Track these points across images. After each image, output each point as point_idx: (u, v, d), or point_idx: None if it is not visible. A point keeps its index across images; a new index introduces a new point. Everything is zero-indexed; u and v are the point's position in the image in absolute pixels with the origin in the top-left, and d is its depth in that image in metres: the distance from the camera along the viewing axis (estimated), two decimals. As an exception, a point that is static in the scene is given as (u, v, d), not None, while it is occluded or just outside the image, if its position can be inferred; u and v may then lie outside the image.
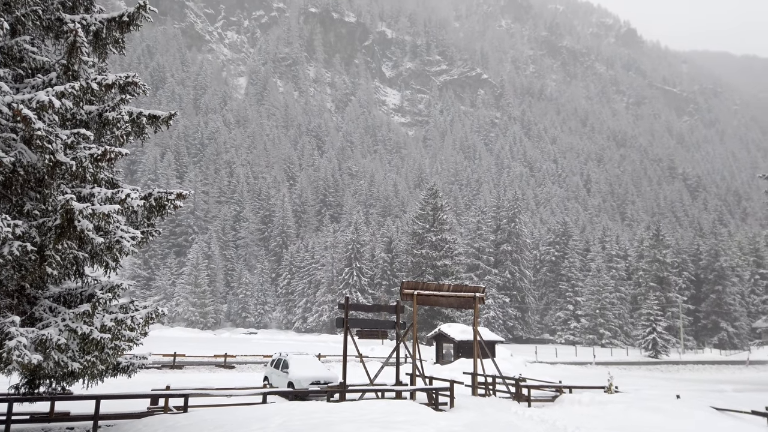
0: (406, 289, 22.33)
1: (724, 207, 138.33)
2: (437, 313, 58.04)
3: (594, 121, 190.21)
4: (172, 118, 12.27)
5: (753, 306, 79.71)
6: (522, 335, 77.02)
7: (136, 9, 11.42)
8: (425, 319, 57.63)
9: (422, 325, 56.47)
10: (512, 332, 75.55)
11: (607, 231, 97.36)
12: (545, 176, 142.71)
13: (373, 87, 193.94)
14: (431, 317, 57.92)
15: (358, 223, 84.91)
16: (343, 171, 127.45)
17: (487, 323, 70.30)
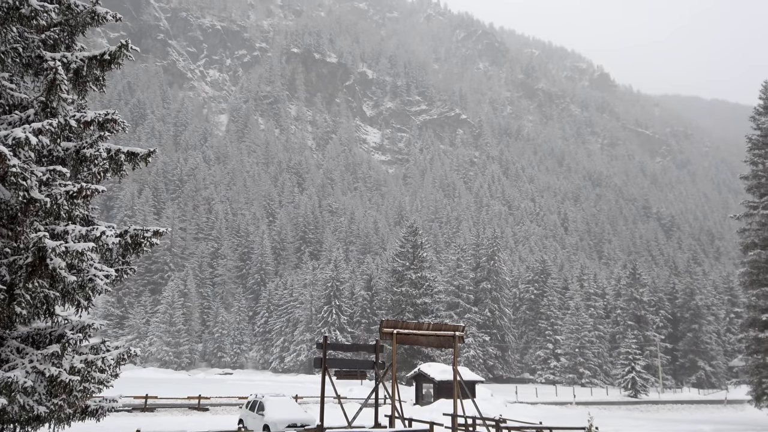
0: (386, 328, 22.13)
1: (698, 246, 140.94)
2: (417, 353, 57.42)
3: (570, 161, 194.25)
4: (151, 155, 12.25)
5: (729, 345, 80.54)
6: (502, 374, 76.40)
7: (118, 48, 11.51)
8: (405, 358, 56.93)
9: (402, 364, 55.74)
10: (492, 372, 74.92)
11: (585, 269, 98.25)
12: (523, 215, 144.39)
13: (354, 125, 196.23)
14: (411, 356, 57.25)
15: (338, 260, 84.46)
16: (323, 208, 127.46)
17: (468, 362, 69.68)
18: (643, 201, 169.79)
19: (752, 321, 31.63)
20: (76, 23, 11.90)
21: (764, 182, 32.36)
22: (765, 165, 32.15)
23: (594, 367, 74.86)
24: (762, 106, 33.79)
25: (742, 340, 33.13)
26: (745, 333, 32.38)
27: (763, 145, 32.94)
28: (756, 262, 31.76)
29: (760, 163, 32.57)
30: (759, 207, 31.95)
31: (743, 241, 33.45)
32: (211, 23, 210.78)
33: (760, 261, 31.44)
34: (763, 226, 32.02)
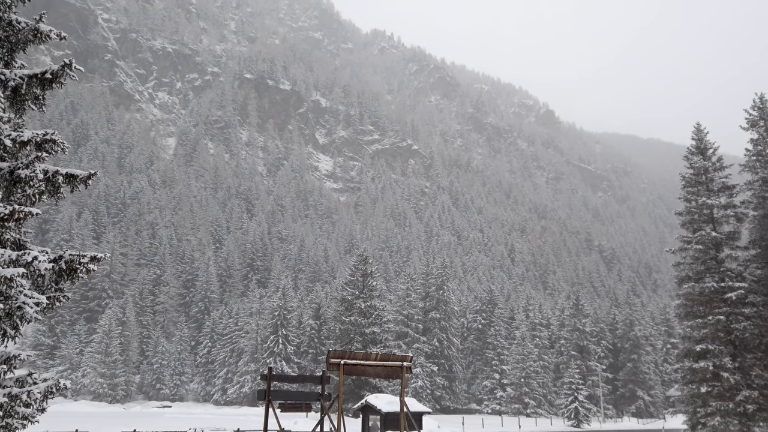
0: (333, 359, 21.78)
1: (636, 278, 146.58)
2: (365, 383, 56.65)
3: (517, 193, 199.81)
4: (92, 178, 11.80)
5: (666, 375, 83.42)
6: (450, 405, 76.24)
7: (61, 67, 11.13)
8: (352, 389, 56.03)
9: (349, 396, 54.81)
10: (440, 402, 74.67)
11: (531, 299, 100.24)
12: (472, 245, 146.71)
13: (306, 152, 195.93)
14: (358, 387, 56.41)
15: (286, 288, 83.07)
16: (272, 235, 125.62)
17: (415, 393, 69.26)
18: (586, 234, 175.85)
19: (687, 352, 32.85)
20: (17, 40, 11.46)
21: (697, 218, 34.08)
22: (698, 202, 33.89)
23: (539, 397, 75.81)
24: (694, 147, 35.82)
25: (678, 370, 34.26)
26: (680, 363, 33.51)
27: (695, 183, 34.80)
28: (690, 295, 33.17)
29: (693, 200, 34.32)
30: (692, 242, 33.55)
31: (678, 275, 34.92)
32: (162, 45, 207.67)
33: (694, 294, 32.87)
34: (696, 260, 33.59)
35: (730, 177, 34.49)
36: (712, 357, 30.81)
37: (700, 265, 33.38)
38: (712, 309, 31.92)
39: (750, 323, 30.66)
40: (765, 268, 31.60)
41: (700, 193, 34.24)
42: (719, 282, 32.13)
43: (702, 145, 35.55)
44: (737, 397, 29.30)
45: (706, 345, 31.11)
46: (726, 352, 30.88)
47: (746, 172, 33.47)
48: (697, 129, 36.38)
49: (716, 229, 33.34)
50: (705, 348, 31.07)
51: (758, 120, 33.33)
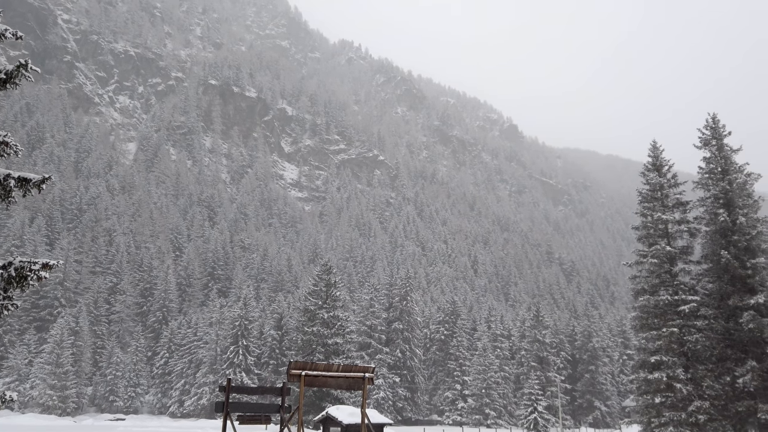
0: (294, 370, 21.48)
1: (595, 291, 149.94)
2: (326, 395, 56.03)
3: (480, 205, 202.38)
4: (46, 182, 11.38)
5: (622, 385, 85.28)
6: (411, 416, 76.12)
7: (16, 68, 10.74)
8: (313, 401, 55.34)
9: (309, 407, 54.12)
10: (401, 414, 74.48)
11: (493, 311, 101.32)
12: (436, 256, 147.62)
13: (271, 161, 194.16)
14: (319, 399, 55.76)
15: (248, 298, 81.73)
16: (234, 243, 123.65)
17: (377, 404, 68.92)
18: (547, 246, 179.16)
19: (642, 363, 33.66)
20: (-32, 36, 11.00)
21: (653, 233, 35.12)
22: (653, 217, 34.95)
23: (499, 408, 76.42)
24: (650, 164, 37.00)
25: (633, 381, 35.05)
26: (636, 374, 34.29)
27: (651, 198, 35.90)
28: (645, 307, 34.07)
29: (648, 215, 35.37)
30: (648, 256, 34.53)
31: (634, 287, 35.84)
32: (124, 48, 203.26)
33: (649, 306, 33.77)
34: (651, 274, 34.55)
35: (684, 193, 35.72)
36: (665, 368, 31.66)
37: (655, 279, 34.35)
38: (666, 321, 32.85)
39: (702, 335, 31.66)
40: (716, 282, 32.74)
41: (655, 209, 35.32)
42: (673, 295, 33.13)
43: (658, 162, 36.76)
44: (689, 408, 30.15)
45: (660, 356, 31.95)
46: (679, 363, 31.78)
47: (699, 188, 34.71)
48: (653, 147, 37.60)
49: (671, 244, 34.43)
50: (659, 359, 31.91)
51: (711, 139, 34.68)
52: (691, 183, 35.10)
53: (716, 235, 32.96)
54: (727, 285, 31.81)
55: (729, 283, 31.77)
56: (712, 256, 32.92)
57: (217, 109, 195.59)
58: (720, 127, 34.70)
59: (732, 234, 31.99)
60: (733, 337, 30.94)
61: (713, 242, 33.16)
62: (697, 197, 34.82)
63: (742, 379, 28.52)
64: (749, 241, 31.37)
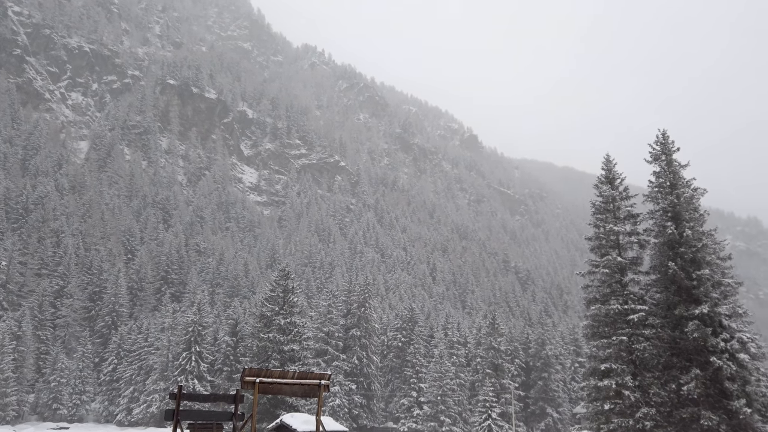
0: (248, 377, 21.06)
1: (549, 299, 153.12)
2: (281, 402, 55.16)
3: (440, 214, 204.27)
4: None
5: (573, 392, 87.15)
6: (367, 424, 75.76)
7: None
8: (267, 408, 54.38)
9: (263, 415, 53.16)
10: (357, 421, 74.04)
11: (450, 318, 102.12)
12: (395, 263, 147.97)
13: (230, 164, 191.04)
14: (274, 406, 54.83)
15: (202, 303, 79.93)
16: (189, 247, 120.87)
17: (333, 412, 68.32)
18: (503, 255, 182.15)
19: (593, 370, 34.42)
20: None
21: (604, 244, 36.07)
22: (605, 228, 35.91)
23: (454, 414, 76.86)
24: (604, 177, 38.05)
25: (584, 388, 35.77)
26: (586, 381, 35.00)
27: (604, 210, 36.89)
28: (597, 316, 34.90)
29: (601, 227, 36.32)
30: (600, 266, 35.42)
31: (586, 296, 36.67)
32: (78, 44, 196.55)
33: (600, 315, 34.61)
34: (603, 284, 35.43)
35: (634, 206, 36.84)
36: (615, 376, 32.47)
37: (606, 288, 35.24)
38: (616, 330, 33.72)
39: (649, 344, 32.63)
40: (663, 293, 33.83)
41: (607, 220, 36.31)
42: (623, 304, 34.06)
43: (611, 175, 37.83)
44: (637, 414, 30.98)
45: (610, 364, 32.76)
46: (628, 371, 32.65)
47: (649, 202, 35.85)
48: (606, 160, 38.69)
49: (621, 255, 35.42)
50: (609, 367, 32.71)
51: (660, 154, 35.93)
52: (642, 196, 36.23)
53: (664, 246, 34.08)
54: (674, 295, 32.91)
55: (675, 294, 32.89)
56: (660, 267, 34.01)
57: (175, 110, 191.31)
58: (669, 143, 36.00)
59: (679, 246, 33.15)
60: (679, 346, 32.01)
61: (661, 254, 34.26)
62: (647, 210, 35.95)
63: (687, 386, 29.50)
64: (695, 253, 32.56)
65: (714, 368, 29.61)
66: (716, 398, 29.84)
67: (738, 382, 29.42)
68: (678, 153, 35.87)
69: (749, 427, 28.56)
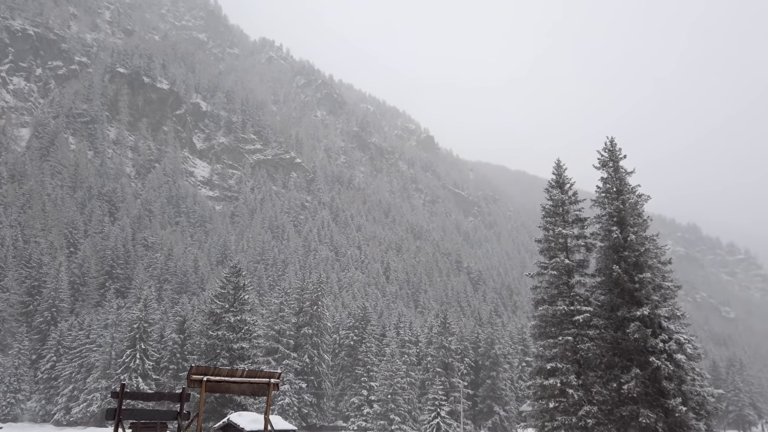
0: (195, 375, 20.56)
1: (499, 300, 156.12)
2: (228, 401, 54.16)
3: (395, 213, 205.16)
4: None
5: (520, 391, 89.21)
6: (316, 422, 75.35)
7: None
8: (214, 407, 53.29)
9: (210, 414, 52.07)
10: (306, 420, 73.54)
11: (402, 317, 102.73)
12: (349, 261, 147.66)
13: (182, 157, 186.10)
14: (221, 405, 53.78)
15: (149, 299, 77.55)
16: (137, 241, 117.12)
17: (282, 410, 67.62)
18: (456, 255, 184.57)
19: (539, 369, 35.30)
20: None
21: (553, 246, 37.04)
22: (554, 231, 36.88)
23: (404, 413, 77.35)
24: (554, 181, 39.06)
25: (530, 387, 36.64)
26: (533, 380, 35.87)
27: (554, 214, 37.89)
28: (544, 317, 35.82)
29: (550, 229, 37.28)
30: (548, 268, 36.37)
31: (535, 297, 37.59)
32: (22, 26, 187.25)
33: (547, 316, 35.54)
34: (551, 285, 36.40)
35: (582, 210, 37.98)
36: (560, 375, 33.39)
37: (554, 290, 36.20)
38: (562, 330, 34.70)
39: (593, 344, 33.72)
40: (607, 295, 35.03)
41: (557, 224, 37.30)
42: (569, 305, 35.07)
43: (561, 179, 38.88)
44: (579, 412, 31.95)
45: (555, 363, 33.67)
46: (572, 370, 33.64)
47: (596, 206, 37.04)
48: (557, 165, 39.74)
49: (569, 257, 36.46)
50: (554, 366, 33.62)
51: (608, 161, 37.17)
52: (590, 201, 37.39)
53: (609, 250, 35.27)
54: (617, 297, 34.11)
55: (619, 296, 34.09)
56: (605, 270, 35.18)
57: (125, 99, 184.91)
58: (617, 151, 37.28)
59: (623, 250, 34.37)
60: (621, 346, 33.20)
61: (606, 257, 35.45)
62: (594, 214, 37.12)
63: (627, 385, 30.62)
64: (638, 257, 33.83)
65: (653, 368, 30.84)
66: (654, 397, 31.09)
67: (675, 382, 30.76)
68: (624, 160, 37.20)
69: (684, 424, 29.89)
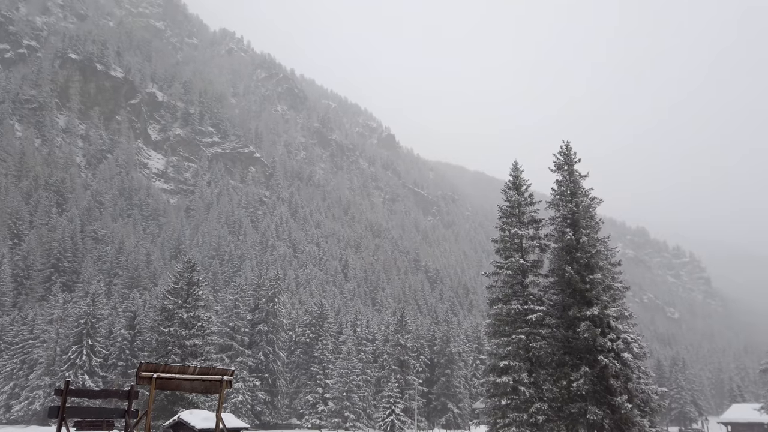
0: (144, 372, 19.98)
1: (456, 298, 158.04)
2: (180, 399, 52.96)
3: (355, 211, 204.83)
4: None
5: (474, 388, 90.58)
6: (270, 420, 74.60)
7: None
8: (165, 405, 52.01)
9: (161, 412, 50.81)
10: (260, 417, 72.71)
11: (360, 315, 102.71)
12: (308, 258, 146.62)
13: (136, 148, 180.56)
14: (172, 403, 52.54)
15: (98, 293, 75.10)
16: (86, 234, 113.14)
17: (235, 408, 66.62)
18: (415, 254, 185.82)
19: (492, 367, 35.93)
20: None
21: (509, 246, 37.74)
22: (510, 232, 37.58)
23: (359, 410, 77.45)
24: (511, 183, 39.79)
25: (484, 384, 37.23)
26: (486, 378, 36.47)
27: (510, 215, 38.59)
28: (498, 315, 36.47)
29: (506, 230, 37.97)
30: (504, 267, 37.03)
31: (490, 296, 38.21)
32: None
33: (502, 314, 36.20)
34: (505, 284, 37.08)
35: (538, 212, 38.82)
36: (512, 372, 34.07)
37: (508, 289, 36.90)
38: (516, 329, 35.41)
39: (545, 342, 34.54)
40: (560, 295, 35.92)
41: (513, 224, 38.02)
42: (523, 305, 35.81)
43: (518, 181, 39.63)
44: (531, 409, 32.68)
45: (508, 361, 34.33)
46: (524, 368, 34.38)
47: (551, 208, 37.91)
48: (514, 167, 40.48)
49: (524, 257, 37.21)
50: (507, 364, 34.27)
51: (563, 164, 38.09)
52: (545, 203, 38.24)
53: (562, 251, 36.17)
54: (569, 297, 35.03)
55: (570, 296, 35.01)
56: (558, 270, 36.06)
57: (76, 86, 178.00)
58: (572, 154, 38.24)
59: (576, 251, 35.30)
60: (572, 345, 34.11)
61: (560, 258, 36.34)
62: (548, 216, 38.00)
63: (576, 383, 31.48)
64: (589, 258, 34.82)
65: (601, 366, 31.81)
66: (602, 394, 32.08)
67: (621, 380, 31.82)
68: (579, 164, 38.19)
69: (629, 421, 30.96)
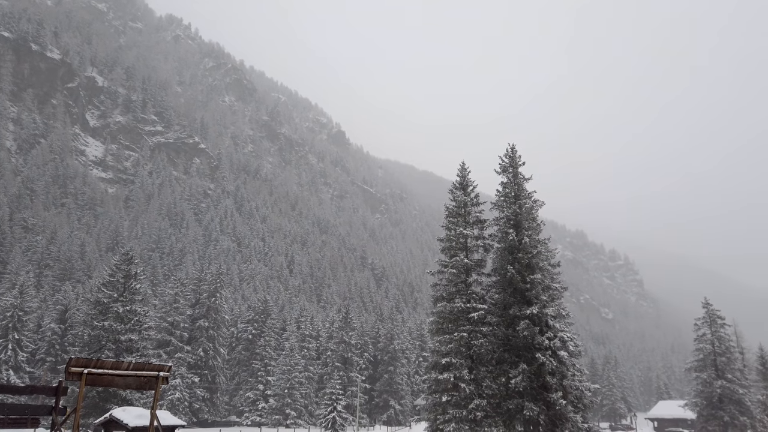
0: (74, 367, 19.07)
1: (401, 296, 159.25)
2: (113, 396, 50.95)
3: (302, 206, 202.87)
4: None
5: (416, 385, 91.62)
6: (208, 418, 72.93)
7: None
8: (96, 402, 49.92)
9: (92, 409, 48.73)
10: (197, 415, 70.96)
11: (304, 311, 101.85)
12: (252, 253, 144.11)
13: (72, 133, 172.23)
14: (104, 400, 50.50)
15: (26, 285, 71.25)
16: (15, 222, 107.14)
17: (172, 405, 64.74)
18: (362, 251, 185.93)
19: (434, 364, 36.42)
20: None
21: (454, 245, 38.34)
22: (456, 231, 38.17)
23: (300, 408, 76.89)
24: (458, 183, 40.41)
25: (425, 381, 37.69)
26: (428, 375, 36.94)
27: (456, 214, 39.21)
28: (442, 313, 37.00)
29: (452, 229, 38.56)
30: (448, 266, 37.58)
31: (434, 294, 38.72)
32: None
33: (445, 312, 36.75)
34: (450, 283, 37.66)
35: (483, 212, 39.61)
36: (454, 369, 34.63)
37: (452, 287, 37.48)
38: (458, 327, 36.01)
39: (486, 340, 35.30)
40: (502, 294, 36.79)
41: (458, 224, 38.63)
42: (466, 303, 36.46)
43: (464, 182, 40.30)
44: (470, 405, 33.32)
45: (450, 359, 34.87)
46: (465, 365, 35.01)
47: (495, 209, 38.78)
48: (461, 168, 41.14)
49: (468, 257, 37.88)
50: (449, 361, 34.81)
51: (508, 166, 39.01)
52: (490, 204, 39.06)
53: (505, 251, 37.06)
54: (510, 296, 35.92)
55: (511, 295, 35.92)
56: (501, 270, 36.93)
57: (8, 66, 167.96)
58: (517, 157, 39.21)
59: (518, 252, 36.24)
60: (511, 343, 35.00)
61: (502, 258, 37.22)
62: (493, 217, 38.84)
63: (515, 380, 32.33)
64: (530, 259, 35.81)
65: (538, 364, 32.78)
66: (538, 391, 33.08)
67: (557, 377, 32.89)
68: (523, 167, 39.20)
69: (563, 417, 32.06)
